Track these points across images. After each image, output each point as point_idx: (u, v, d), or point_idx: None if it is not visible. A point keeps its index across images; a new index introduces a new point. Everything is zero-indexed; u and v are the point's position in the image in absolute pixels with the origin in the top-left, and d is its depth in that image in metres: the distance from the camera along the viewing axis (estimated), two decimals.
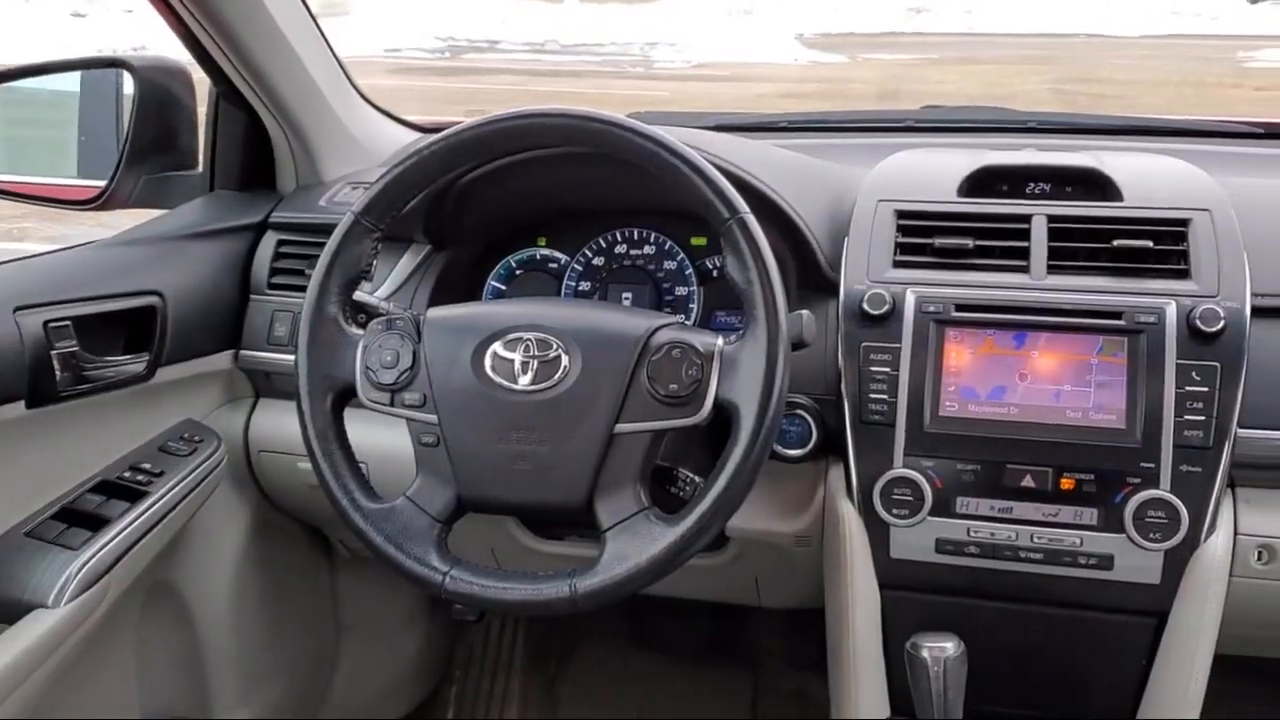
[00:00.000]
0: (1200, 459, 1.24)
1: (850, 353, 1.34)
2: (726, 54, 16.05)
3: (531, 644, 2.36)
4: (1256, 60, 15.47)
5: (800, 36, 18.02)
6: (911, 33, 20.21)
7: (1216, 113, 1.93)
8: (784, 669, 2.22)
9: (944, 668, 1.21)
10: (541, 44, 17.54)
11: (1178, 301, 1.27)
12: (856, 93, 12.61)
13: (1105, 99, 11.34)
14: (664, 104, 10.64)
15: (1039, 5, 21.45)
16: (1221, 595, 1.31)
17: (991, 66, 14.57)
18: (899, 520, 1.31)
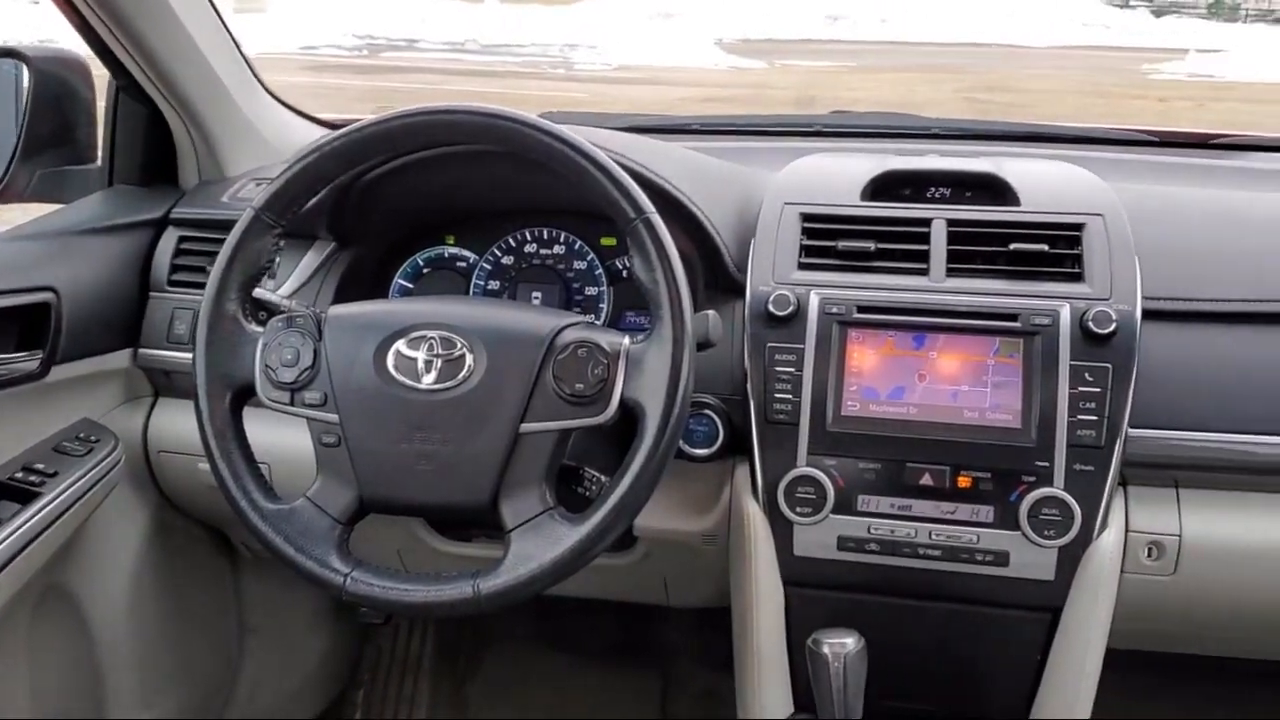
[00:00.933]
0: (1093, 458, 1.28)
1: (756, 353, 1.35)
2: (647, 57, 16.10)
3: (440, 645, 2.35)
4: (1159, 72, 15.93)
5: (720, 41, 18.14)
6: (829, 40, 20.49)
7: (1122, 121, 1.98)
8: (694, 668, 2.23)
9: (844, 664, 1.23)
10: (461, 43, 17.45)
11: (1071, 304, 1.30)
12: (775, 98, 12.74)
13: (1015, 107, 11.58)
14: (583, 106, 10.64)
15: (952, 15, 21.89)
16: (1113, 591, 1.35)
17: (907, 74, 14.82)
18: (802, 518, 1.33)
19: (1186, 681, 1.95)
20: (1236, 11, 28.83)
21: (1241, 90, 13.90)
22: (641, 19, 21.52)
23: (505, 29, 19.02)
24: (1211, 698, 2.00)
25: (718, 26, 21.17)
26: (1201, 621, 1.44)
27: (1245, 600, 1.39)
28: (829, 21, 21.97)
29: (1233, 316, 1.36)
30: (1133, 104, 12.50)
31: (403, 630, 2.35)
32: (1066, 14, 22.59)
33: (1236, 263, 1.41)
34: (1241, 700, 2.00)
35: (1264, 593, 1.38)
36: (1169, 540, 1.35)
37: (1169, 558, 1.35)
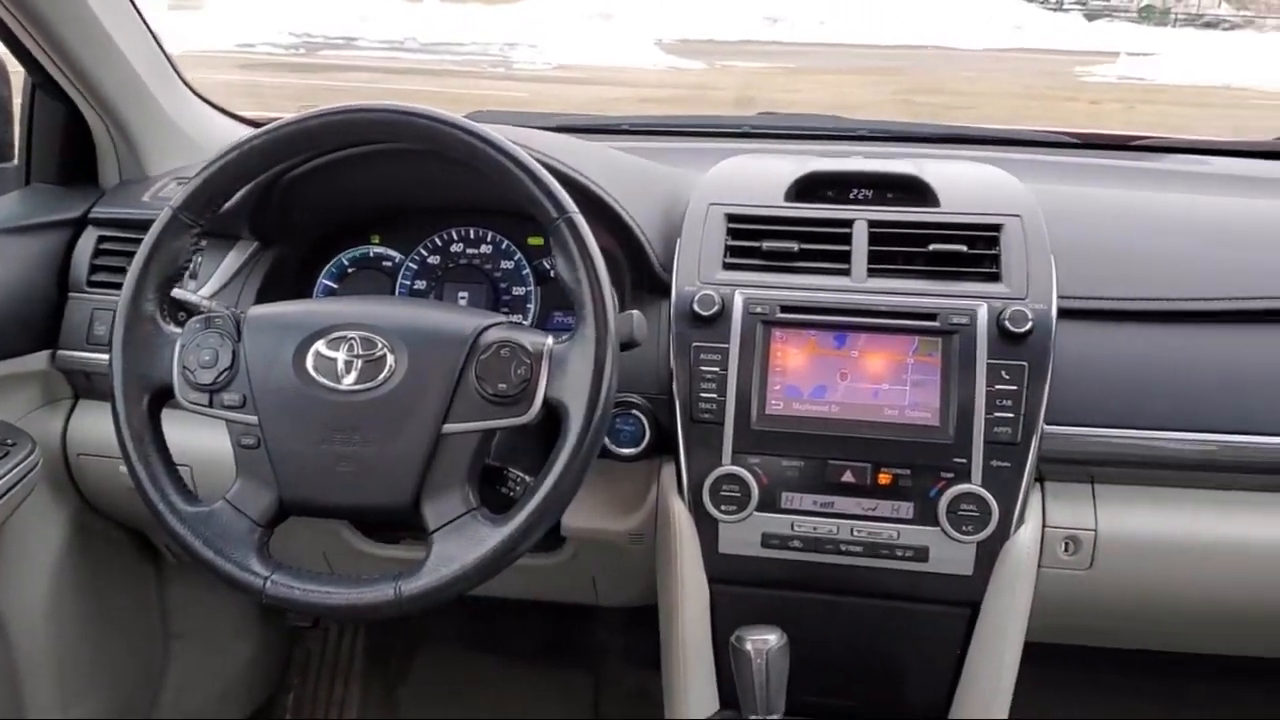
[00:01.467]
0: (1009, 454, 1.30)
1: (681, 352, 1.36)
2: (587, 57, 16.06)
3: (371, 648, 2.33)
4: (1093, 75, 16.20)
5: (660, 42, 18.15)
6: (769, 41, 20.59)
7: (1056, 123, 2.02)
8: (625, 667, 2.23)
9: (766, 660, 1.24)
10: (400, 42, 17.29)
11: (989, 303, 1.32)
12: (714, 98, 12.76)
13: (952, 109, 11.69)
14: (522, 105, 10.61)
15: (889, 18, 22.09)
16: (1030, 585, 1.37)
17: (844, 76, 14.94)
18: (727, 516, 1.34)
19: (1105, 674, 1.98)
20: (1166, 16, 29.41)
21: (1171, 93, 14.19)
22: (581, 19, 21.50)
23: (445, 28, 18.91)
24: (1129, 690, 2.05)
25: (657, 27, 21.19)
26: (1118, 614, 1.47)
27: (1160, 593, 1.42)
28: (768, 23, 22.06)
29: (1146, 315, 1.38)
30: (1066, 106, 12.69)
31: (332, 633, 2.33)
32: (1001, 17, 22.90)
33: (1151, 262, 1.44)
34: (1158, 692, 2.04)
35: (1178, 585, 1.41)
36: (1085, 535, 1.38)
37: (1085, 552, 1.38)
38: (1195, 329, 1.39)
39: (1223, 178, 1.71)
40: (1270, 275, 1.41)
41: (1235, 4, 32.58)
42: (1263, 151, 1.82)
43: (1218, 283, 1.40)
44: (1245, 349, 1.37)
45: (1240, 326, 1.39)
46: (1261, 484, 1.38)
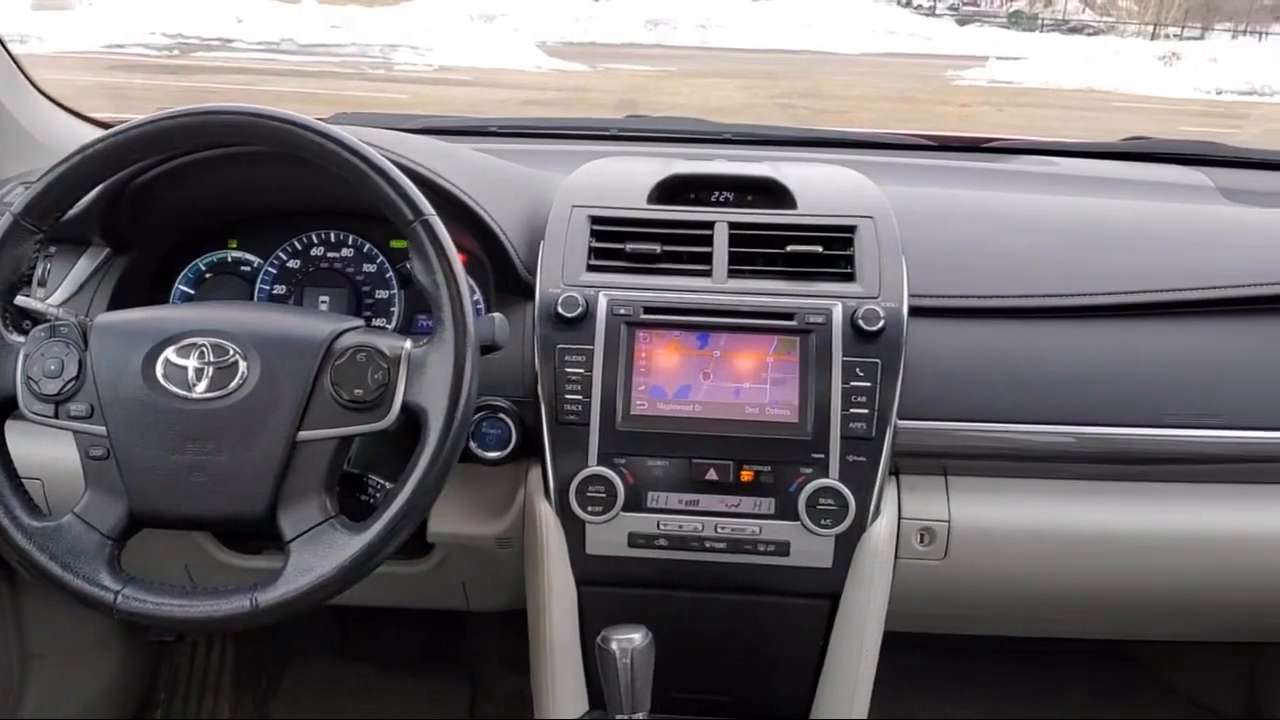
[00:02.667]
0: (864, 449, 1.33)
1: (546, 355, 1.36)
2: (469, 59, 15.99)
3: (241, 661, 2.28)
4: (963, 79, 16.69)
5: (543, 44, 18.13)
6: (651, 45, 20.73)
7: (928, 127, 2.07)
8: (501, 671, 2.22)
9: (631, 659, 1.25)
10: (277, 44, 16.98)
11: (844, 303, 1.35)
12: (596, 101, 12.82)
13: (828, 113, 11.95)
14: (403, 107, 10.48)
15: (768, 22, 22.43)
16: (888, 576, 1.41)
17: (725, 80, 15.10)
18: (593, 517, 1.34)
19: (963, 661, 2.05)
20: (1034, 21, 30.44)
21: (1038, 96, 14.70)
22: (463, 20, 21.35)
23: (324, 29, 18.60)
24: (987, 676, 2.12)
25: (540, 29, 21.17)
26: (972, 603, 1.52)
27: (1011, 581, 1.47)
28: (649, 26, 22.23)
29: (995, 312, 1.43)
30: (938, 109, 13.06)
31: (200, 647, 2.27)
32: (876, 22, 23.44)
33: (1000, 261, 1.49)
34: (1014, 676, 2.12)
35: (1028, 573, 1.47)
36: (939, 526, 1.42)
37: (939, 542, 1.42)
38: (1042, 325, 1.44)
39: (1070, 178, 1.78)
40: (1114, 272, 1.47)
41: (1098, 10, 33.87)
42: (1108, 153, 1.90)
43: (1064, 280, 1.46)
44: (1090, 344, 1.43)
45: (1085, 322, 1.44)
46: (1106, 473, 1.44)
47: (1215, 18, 32.20)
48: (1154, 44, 24.44)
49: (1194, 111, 13.30)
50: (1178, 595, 1.53)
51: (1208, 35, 29.37)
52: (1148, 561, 1.48)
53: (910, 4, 29.53)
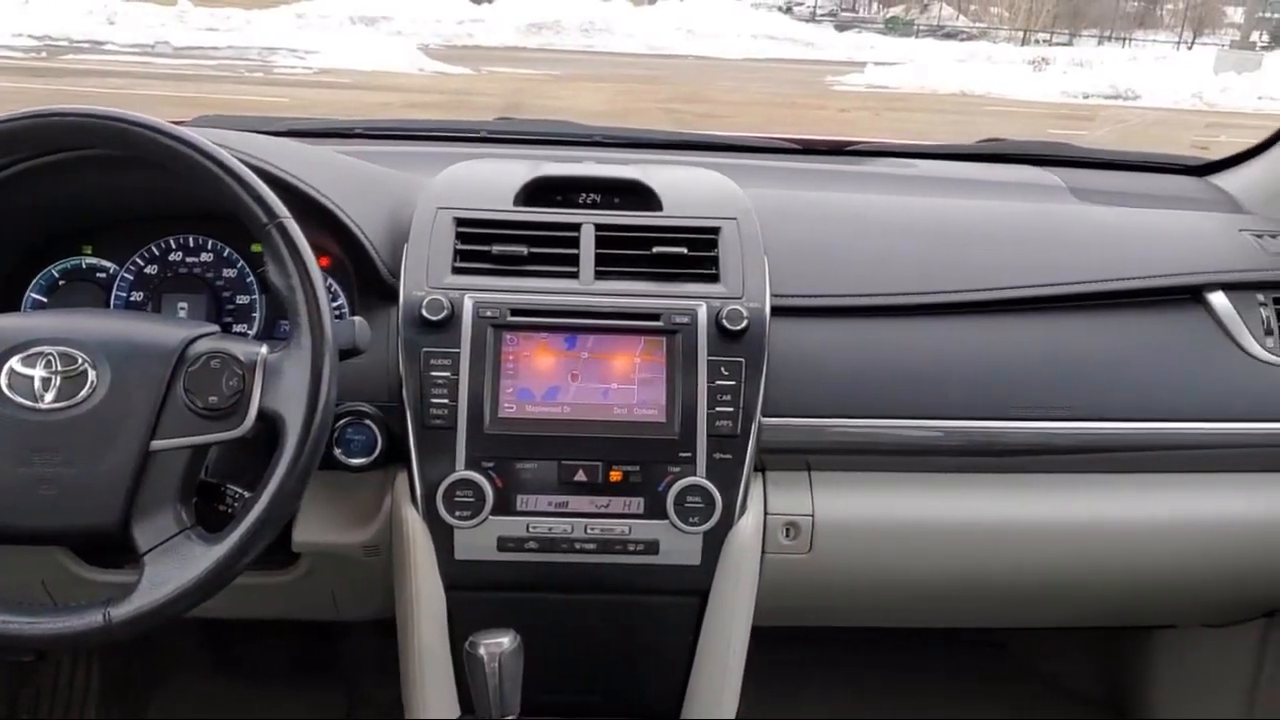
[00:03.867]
0: (730, 446, 1.35)
1: (411, 359, 1.35)
2: (350, 61, 15.80)
3: (108, 679, 2.20)
4: (842, 84, 17.05)
5: (426, 47, 18.00)
6: (536, 48, 20.70)
7: (809, 131, 2.10)
8: (379, 681, 2.19)
9: (500, 663, 1.24)
10: (151, 46, 16.53)
11: (708, 303, 1.37)
12: (480, 104, 12.77)
13: (710, 117, 12.09)
14: (283, 110, 10.29)
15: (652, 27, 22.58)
16: (755, 571, 1.43)
17: (609, 84, 15.17)
18: (461, 522, 1.33)
19: (832, 653, 2.09)
20: (910, 27, 31.21)
21: (913, 100, 15.08)
22: (344, 23, 21.07)
23: (199, 32, 18.18)
24: (855, 666, 2.17)
25: (423, 32, 20.99)
26: (839, 594, 1.55)
27: (875, 572, 1.51)
28: (533, 30, 22.21)
29: (853, 310, 1.46)
30: (818, 114, 13.32)
31: (65, 666, 2.19)
32: (757, 28, 23.78)
33: (859, 260, 1.52)
34: (880, 665, 2.17)
35: (892, 564, 1.50)
36: (803, 520, 1.45)
37: (804, 537, 1.45)
38: (900, 322, 1.48)
39: (928, 179, 1.83)
40: (969, 269, 1.51)
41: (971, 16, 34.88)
42: (964, 154, 1.96)
43: (921, 278, 1.50)
44: (946, 340, 1.47)
45: (942, 319, 1.48)
46: (965, 465, 1.48)
47: (1082, 24, 33.48)
48: (1024, 49, 25.29)
49: (1062, 114, 13.80)
50: (1038, 583, 1.58)
51: (1075, 41, 30.50)
52: (1008, 551, 1.53)
53: (790, 10, 30.03)
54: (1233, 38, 30.02)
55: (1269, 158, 1.77)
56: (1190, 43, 33.13)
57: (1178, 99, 16.73)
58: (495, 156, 1.70)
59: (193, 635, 2.20)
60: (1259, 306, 1.53)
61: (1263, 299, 1.53)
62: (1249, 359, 1.50)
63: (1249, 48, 25.27)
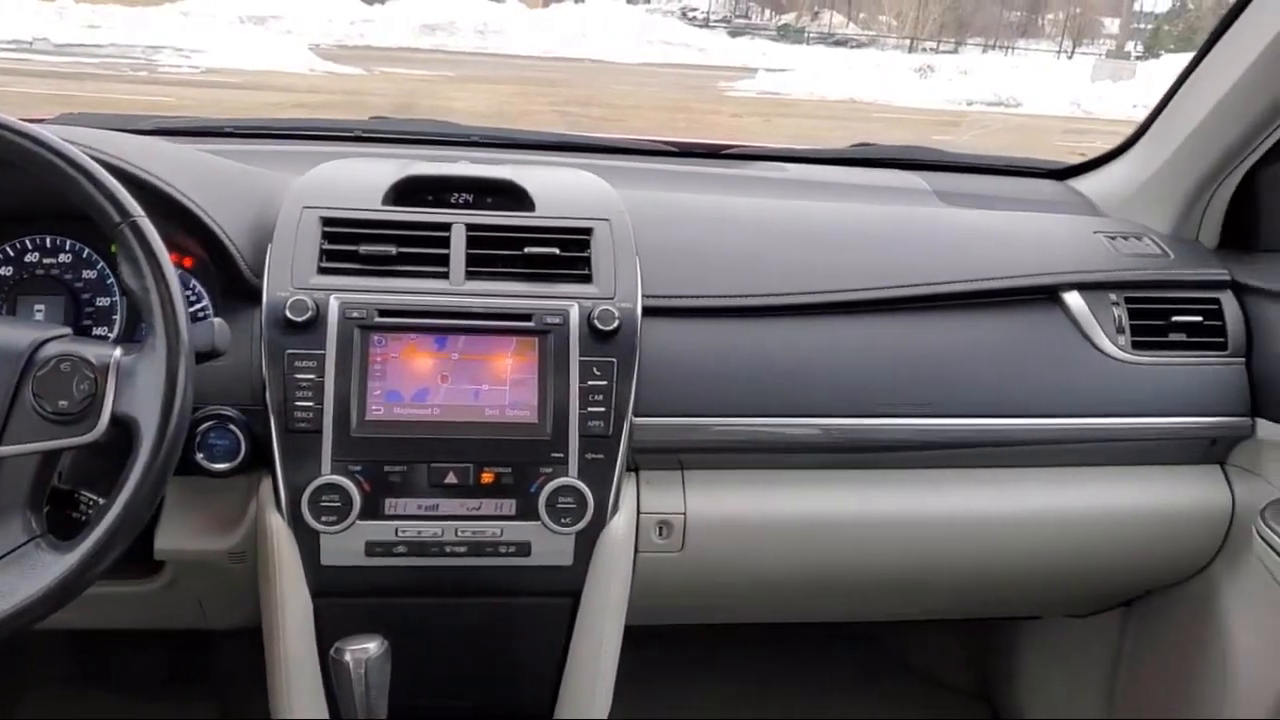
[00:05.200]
0: (602, 446, 1.35)
1: (274, 361, 1.32)
2: (238, 61, 15.49)
3: None
4: (735, 89, 17.23)
5: (316, 47, 17.72)
6: (429, 49, 20.52)
7: (702, 135, 2.11)
8: (253, 690, 2.14)
9: (366, 669, 1.23)
10: (29, 43, 15.98)
11: (580, 304, 1.37)
12: (372, 105, 12.62)
13: (605, 121, 12.13)
14: (168, 109, 10.05)
15: (546, 30, 22.55)
16: (627, 571, 1.44)
17: (504, 86, 15.11)
18: (328, 527, 1.31)
19: (706, 651, 2.11)
20: (801, 34, 31.70)
21: (804, 107, 15.30)
22: (232, 21, 20.65)
23: (81, 29, 17.65)
24: (730, 663, 2.19)
25: (313, 32, 20.68)
26: (712, 592, 1.56)
27: (748, 568, 1.53)
28: (426, 31, 22.01)
29: (725, 311, 1.48)
30: (711, 119, 13.44)
31: None
32: (652, 32, 23.91)
33: (732, 261, 1.54)
34: (755, 661, 2.20)
35: (763, 560, 1.53)
36: (675, 519, 1.46)
37: (677, 535, 1.46)
38: (771, 323, 1.49)
39: (800, 183, 1.85)
40: (838, 271, 1.54)
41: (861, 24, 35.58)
42: (836, 158, 1.99)
43: (792, 279, 1.52)
44: (816, 340, 1.49)
45: (811, 319, 1.51)
46: (834, 462, 1.51)
47: (967, 33, 34.41)
48: (912, 57, 25.87)
49: (945, 121, 14.12)
50: (907, 576, 1.62)
51: (961, 49, 31.31)
52: (878, 544, 1.56)
53: (685, 15, 30.26)
54: (1109, 48, 31.18)
55: (1123, 163, 1.84)
56: (1070, 52, 34.28)
57: (1057, 106, 17.27)
58: (367, 156, 1.68)
59: (57, 647, 2.13)
60: (1111, 306, 1.58)
61: (1115, 298, 1.59)
62: (1102, 356, 1.55)
63: (1124, 57, 26.29)
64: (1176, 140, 1.67)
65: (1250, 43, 1.48)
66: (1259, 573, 1.54)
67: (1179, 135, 1.66)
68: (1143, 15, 36.13)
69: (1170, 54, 10.06)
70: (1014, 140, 12.54)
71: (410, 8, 22.57)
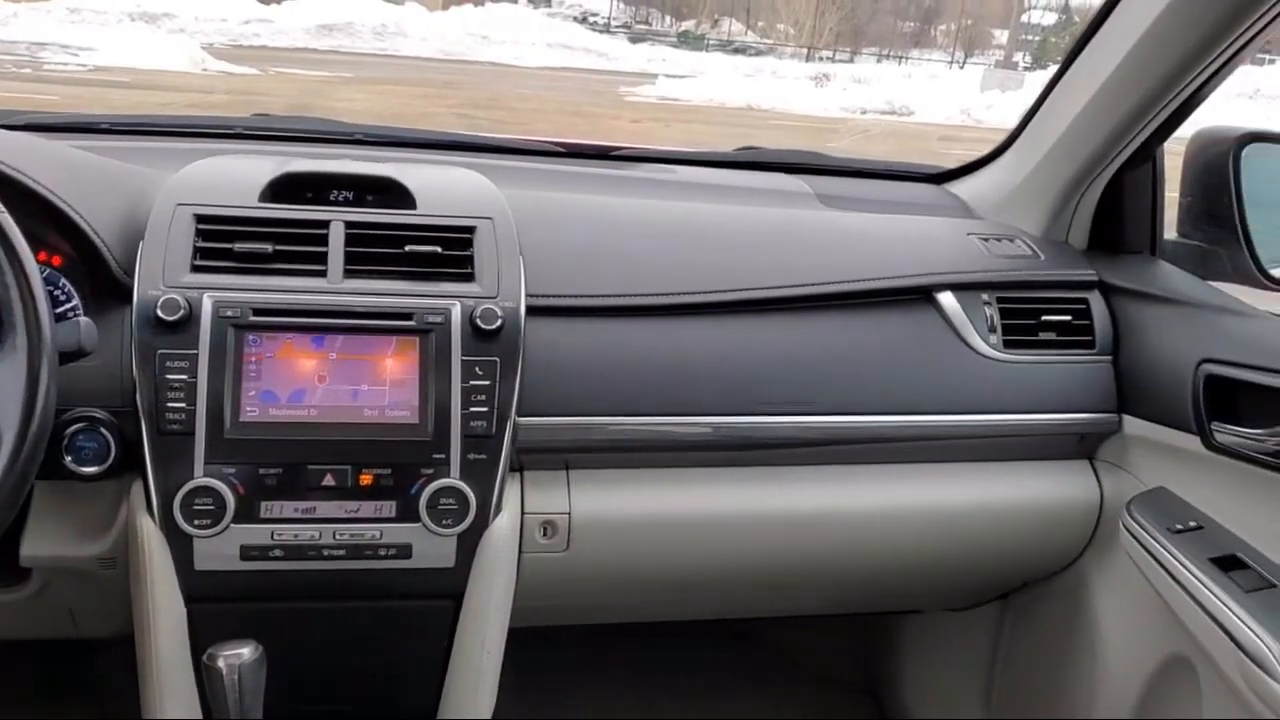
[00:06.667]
0: (485, 447, 1.34)
1: (145, 361, 1.29)
2: (128, 59, 15.10)
3: None
4: (635, 95, 17.31)
5: (210, 47, 17.36)
6: (326, 50, 20.22)
7: (604, 138, 2.11)
8: (132, 699, 2.09)
9: (239, 675, 1.21)
10: None
11: (462, 302, 1.36)
12: (266, 105, 12.37)
13: (506, 124, 12.08)
14: (53, 108, 9.75)
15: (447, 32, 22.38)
16: (511, 572, 1.43)
17: (403, 88, 14.97)
18: (201, 531, 1.28)
19: (600, 649, 2.11)
20: (701, 41, 31.96)
21: (703, 113, 15.43)
22: (122, 19, 20.14)
23: None
24: (616, 663, 2.20)
25: (207, 31, 20.29)
26: (598, 591, 1.57)
27: (632, 568, 1.53)
28: (323, 32, 21.69)
29: (609, 310, 1.48)
30: (611, 124, 13.48)
31: None
32: (553, 36, 23.89)
33: (617, 262, 1.54)
34: (652, 661, 2.22)
35: (649, 559, 1.53)
36: (560, 519, 1.46)
37: (561, 535, 1.46)
38: (655, 322, 1.50)
39: (687, 185, 1.87)
40: (721, 272, 1.56)
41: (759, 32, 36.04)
42: (722, 161, 2.01)
43: (676, 279, 1.53)
44: (699, 339, 1.51)
45: (695, 319, 1.52)
46: (719, 460, 1.52)
47: (863, 42, 35.10)
48: (809, 65, 26.30)
49: (842, 129, 14.38)
50: (792, 571, 1.64)
51: (856, 59, 31.91)
52: (761, 541, 1.58)
53: (586, 20, 30.28)
54: (998, 58, 32.06)
55: (996, 167, 1.89)
56: (962, 62, 35.12)
57: (948, 115, 17.71)
58: (247, 153, 1.65)
59: None
60: (984, 305, 1.63)
61: (987, 298, 1.63)
62: (975, 355, 1.59)
63: (1012, 68, 27.06)
64: (1046, 145, 1.72)
65: (1112, 50, 1.53)
66: (1126, 564, 1.59)
67: (1048, 140, 1.71)
68: (1031, 27, 37.30)
69: (1056, 64, 10.38)
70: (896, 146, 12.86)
71: (307, 8, 22.23)
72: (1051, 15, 36.95)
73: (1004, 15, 37.80)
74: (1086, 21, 1.62)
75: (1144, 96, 1.53)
